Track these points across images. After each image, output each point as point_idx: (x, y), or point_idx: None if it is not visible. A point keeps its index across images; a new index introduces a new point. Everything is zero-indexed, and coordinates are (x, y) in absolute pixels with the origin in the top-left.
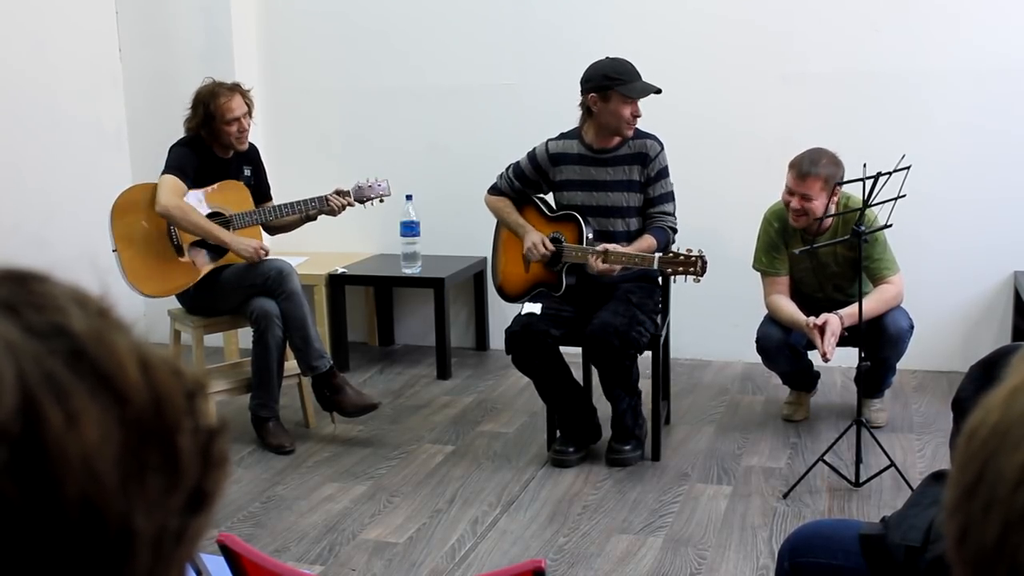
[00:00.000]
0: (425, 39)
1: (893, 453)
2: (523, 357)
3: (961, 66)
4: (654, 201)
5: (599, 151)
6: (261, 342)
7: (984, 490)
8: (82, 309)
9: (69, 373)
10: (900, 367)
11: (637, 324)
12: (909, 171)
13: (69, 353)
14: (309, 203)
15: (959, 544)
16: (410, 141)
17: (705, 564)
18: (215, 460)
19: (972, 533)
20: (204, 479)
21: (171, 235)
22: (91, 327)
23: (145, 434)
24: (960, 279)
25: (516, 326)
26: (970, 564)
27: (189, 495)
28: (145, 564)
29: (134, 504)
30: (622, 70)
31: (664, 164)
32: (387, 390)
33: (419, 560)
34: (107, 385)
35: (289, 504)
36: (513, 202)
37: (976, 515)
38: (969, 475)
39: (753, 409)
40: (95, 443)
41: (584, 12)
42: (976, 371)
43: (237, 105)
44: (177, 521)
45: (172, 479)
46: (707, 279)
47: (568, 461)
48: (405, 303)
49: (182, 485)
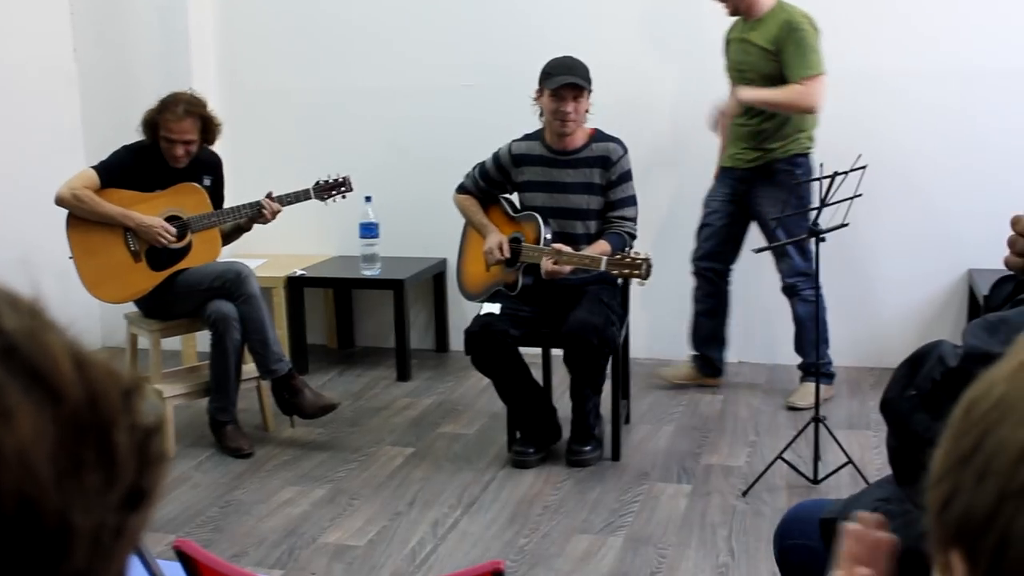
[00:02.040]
0: (384, 40)
1: (851, 450)
2: (482, 357)
3: (915, 67)
4: (614, 205)
5: (560, 152)
6: (219, 345)
7: (980, 460)
8: (13, 309)
9: (1, 370)
10: (857, 365)
11: (611, 324)
12: (865, 171)
13: (1, 351)
14: (242, 209)
15: (942, 510)
16: (369, 142)
17: (665, 563)
18: (152, 458)
19: (959, 501)
20: (142, 477)
21: (127, 241)
22: (23, 326)
23: (80, 431)
24: (915, 277)
25: (475, 326)
26: (951, 531)
27: (127, 492)
28: (83, 560)
29: (71, 500)
30: (554, 65)
31: (627, 168)
32: (347, 392)
33: (379, 563)
34: (41, 382)
35: (248, 508)
36: (480, 201)
37: (967, 483)
38: (965, 444)
39: (712, 408)
40: (29, 439)
41: (543, 14)
42: (902, 370)
43: (181, 129)
44: (115, 518)
45: (109, 476)
46: (666, 278)
47: (528, 462)
48: (364, 305)
49: (119, 482)
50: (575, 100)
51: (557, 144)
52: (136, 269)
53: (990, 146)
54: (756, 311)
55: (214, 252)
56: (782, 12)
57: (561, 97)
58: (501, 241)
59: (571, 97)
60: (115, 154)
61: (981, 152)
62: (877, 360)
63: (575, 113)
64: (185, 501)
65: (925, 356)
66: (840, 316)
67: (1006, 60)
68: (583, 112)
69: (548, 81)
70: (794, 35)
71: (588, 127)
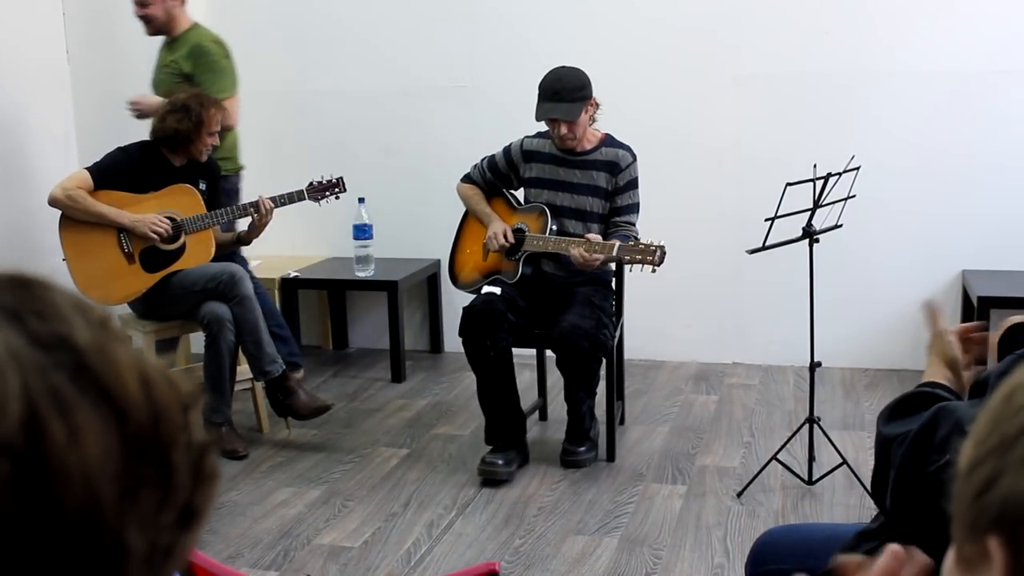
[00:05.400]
0: (377, 41)
1: (845, 451)
2: (477, 338)
3: (909, 68)
4: (621, 211)
5: (570, 152)
6: (213, 347)
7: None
8: (85, 319)
9: (72, 387)
10: (851, 366)
11: (603, 327)
12: (859, 172)
13: (73, 366)
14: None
15: (980, 494)
16: (362, 144)
17: (660, 564)
18: (206, 476)
19: (1002, 485)
20: (195, 495)
21: (121, 243)
22: (94, 339)
23: (143, 450)
24: (909, 278)
25: (476, 303)
26: (991, 515)
27: (180, 511)
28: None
29: (128, 520)
30: (544, 87)
31: (634, 176)
32: (341, 394)
33: (374, 564)
34: (109, 400)
35: (243, 510)
36: (484, 193)
37: (1012, 467)
38: (1009, 429)
39: (707, 409)
40: (96, 459)
41: (536, 15)
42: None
43: (216, 120)
44: (167, 537)
45: (165, 495)
46: (661, 280)
47: (498, 474)
48: (358, 306)
49: (174, 501)
50: (567, 123)
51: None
52: (130, 271)
53: (983, 147)
54: (750, 312)
55: (208, 253)
56: (194, 35)
57: (552, 120)
58: (505, 229)
59: (562, 122)
60: (109, 155)
61: (975, 153)
62: (871, 361)
63: (570, 132)
64: None
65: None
66: (833, 317)
67: (999, 61)
68: (583, 125)
69: (537, 106)
70: (203, 60)
71: (600, 132)
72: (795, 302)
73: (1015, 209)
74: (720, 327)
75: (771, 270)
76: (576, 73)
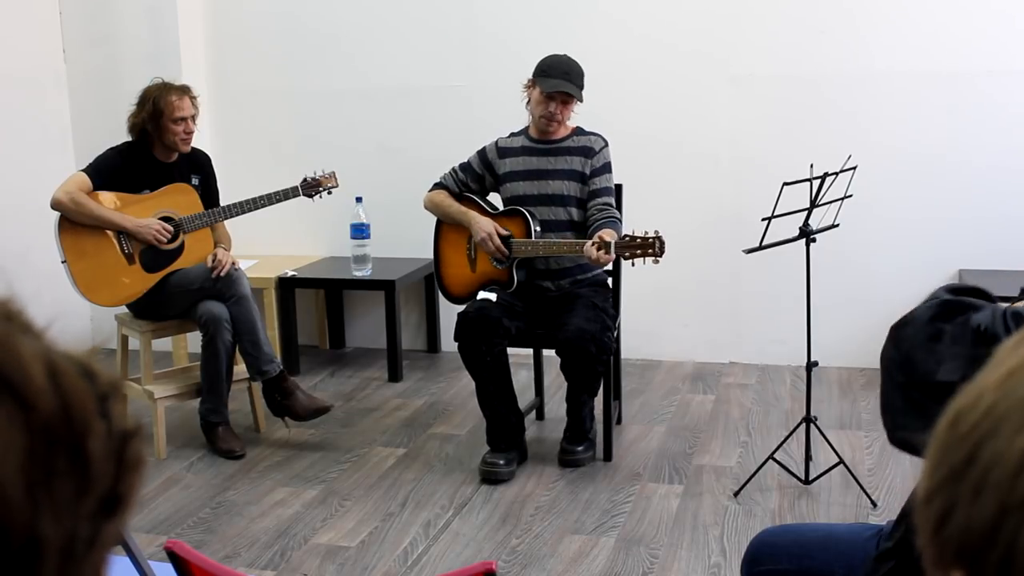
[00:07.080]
0: (374, 41)
1: (842, 450)
2: (472, 343)
3: (905, 68)
4: (599, 192)
5: (543, 142)
6: (210, 347)
7: (976, 473)
8: None
9: None
10: (847, 365)
11: (607, 330)
12: (855, 171)
13: None
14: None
15: (938, 528)
16: (360, 143)
17: (657, 563)
18: (129, 463)
19: (956, 517)
20: (118, 483)
21: (120, 243)
22: None
23: (52, 440)
24: (905, 277)
25: (471, 309)
26: (951, 548)
27: (102, 500)
28: (54, 571)
29: (41, 511)
30: (552, 64)
31: (607, 159)
32: (338, 393)
33: (371, 564)
34: (11, 391)
35: (240, 509)
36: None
37: (964, 498)
38: (956, 458)
39: (704, 408)
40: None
41: (533, 14)
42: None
43: (186, 106)
44: (89, 526)
45: (82, 484)
46: (658, 280)
47: (499, 475)
48: (356, 306)
49: (93, 490)
50: (563, 104)
51: (540, 135)
52: (130, 271)
53: (980, 147)
54: (747, 311)
55: (206, 252)
56: None
57: (551, 98)
58: (495, 227)
59: (560, 101)
60: (102, 156)
61: (971, 153)
62: (868, 361)
63: (561, 116)
64: (177, 502)
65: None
66: (830, 317)
67: (995, 61)
68: (569, 114)
69: (543, 80)
70: None
71: (570, 124)
72: (792, 302)
73: (1012, 209)
74: (717, 327)
75: (768, 270)
76: (578, 64)
